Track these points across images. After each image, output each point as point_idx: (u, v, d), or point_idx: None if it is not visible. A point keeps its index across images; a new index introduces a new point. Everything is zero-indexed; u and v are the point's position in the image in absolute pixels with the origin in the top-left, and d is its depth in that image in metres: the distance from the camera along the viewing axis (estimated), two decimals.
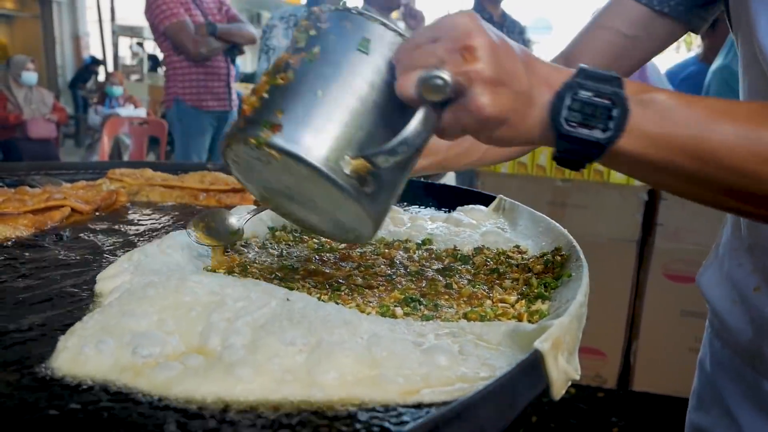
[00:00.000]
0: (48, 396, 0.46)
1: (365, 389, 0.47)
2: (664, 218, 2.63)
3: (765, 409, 0.78)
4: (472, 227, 0.95)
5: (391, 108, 0.54)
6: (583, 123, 0.51)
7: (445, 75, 0.49)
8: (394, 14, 3.24)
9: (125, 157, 4.84)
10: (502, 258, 0.81)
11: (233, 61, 3.41)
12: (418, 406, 0.45)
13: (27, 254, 0.83)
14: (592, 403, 2.80)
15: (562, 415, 2.66)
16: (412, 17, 3.19)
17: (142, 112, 6.31)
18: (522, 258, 0.82)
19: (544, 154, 2.76)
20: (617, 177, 2.71)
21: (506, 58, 0.51)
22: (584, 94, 0.51)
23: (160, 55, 3.46)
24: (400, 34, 0.56)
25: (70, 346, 0.52)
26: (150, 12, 3.12)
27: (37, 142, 5.37)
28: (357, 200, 0.54)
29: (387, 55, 0.54)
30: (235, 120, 0.57)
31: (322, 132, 0.52)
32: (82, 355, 0.51)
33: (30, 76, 5.48)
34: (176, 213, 1.10)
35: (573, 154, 0.53)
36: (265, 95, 0.54)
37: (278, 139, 0.52)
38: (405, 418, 0.43)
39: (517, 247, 0.87)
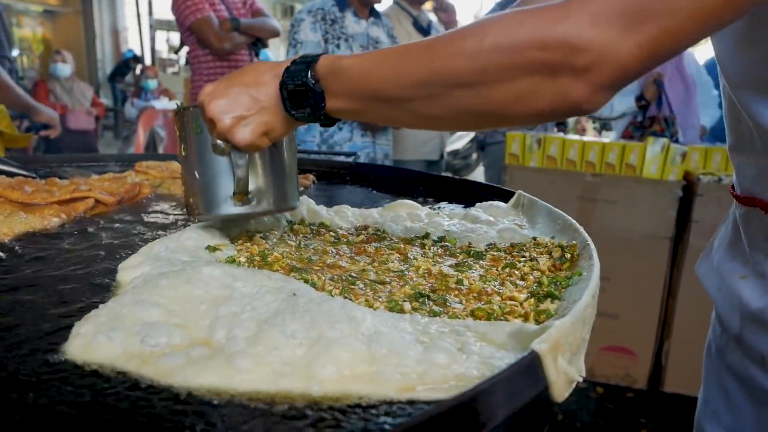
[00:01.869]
0: (58, 379, 0.48)
1: (362, 385, 0.47)
2: (699, 215, 2.56)
3: (754, 394, 0.81)
4: (489, 224, 0.94)
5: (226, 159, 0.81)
6: (297, 105, 0.71)
7: (217, 141, 0.76)
8: (428, 5, 3.22)
9: (160, 149, 4.93)
10: (515, 252, 0.81)
11: (257, 55, 3.43)
12: (413, 403, 0.45)
13: (54, 242, 0.85)
14: (621, 403, 2.75)
15: (589, 414, 2.63)
16: (444, 10, 3.17)
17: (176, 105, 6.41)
18: (535, 249, 0.81)
19: (575, 148, 2.71)
20: (650, 172, 2.64)
21: (234, 101, 0.73)
22: (289, 85, 0.71)
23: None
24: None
25: (83, 332, 0.54)
26: (176, 8, 3.16)
27: (77, 133, 5.53)
28: (252, 212, 0.84)
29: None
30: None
31: (213, 196, 0.82)
32: (94, 342, 0.52)
33: (62, 68, 5.62)
34: None
35: (313, 122, 0.73)
36: (183, 188, 0.87)
37: (199, 214, 0.84)
38: (398, 414, 0.43)
39: (534, 239, 0.86)
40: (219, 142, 0.75)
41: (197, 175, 0.81)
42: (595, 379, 2.83)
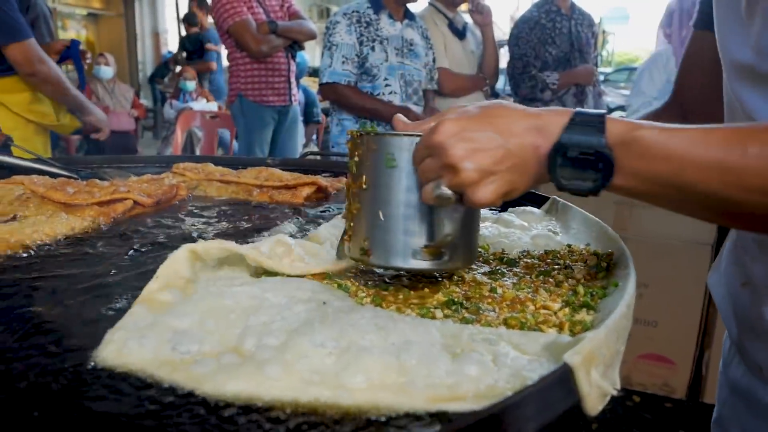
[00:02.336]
0: (89, 384, 0.49)
1: (391, 395, 0.46)
2: None
3: (754, 406, 0.79)
4: (523, 229, 0.93)
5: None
6: (576, 177, 0.59)
7: (446, 190, 0.62)
8: (463, 6, 3.20)
9: (197, 149, 5.03)
10: (549, 259, 0.79)
11: (293, 57, 3.46)
12: (443, 414, 0.45)
13: (93, 244, 0.88)
14: (659, 413, 2.68)
15: (625, 424, 2.57)
16: (479, 12, 3.14)
17: (213, 106, 6.53)
18: (570, 257, 0.79)
19: None
20: None
21: (484, 154, 0.60)
22: (571, 153, 0.58)
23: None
24: (410, 135, 0.67)
25: (116, 339, 0.54)
26: (215, 11, 3.22)
27: (118, 134, 5.66)
28: (441, 268, 0.71)
29: (407, 159, 0.67)
30: (340, 241, 0.77)
31: (396, 243, 0.69)
32: (126, 348, 0.53)
33: (105, 71, 5.77)
34: (228, 208, 1.13)
35: (573, 193, 0.61)
36: (352, 224, 0.72)
37: (373, 260, 0.71)
38: (427, 426, 0.43)
39: (569, 246, 0.84)
40: (448, 192, 0.62)
41: (381, 216, 0.68)
42: (631, 388, 2.77)
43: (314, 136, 6.94)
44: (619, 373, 0.51)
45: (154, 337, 0.54)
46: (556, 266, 0.77)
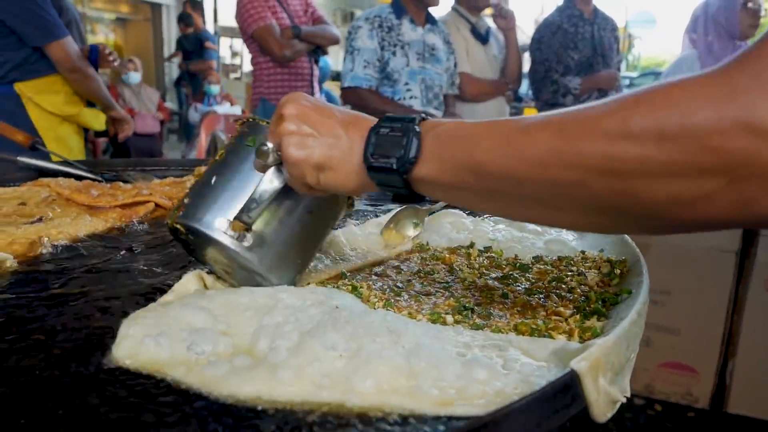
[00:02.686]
0: (104, 381, 0.50)
1: (400, 398, 0.47)
2: None
3: None
4: (537, 234, 0.93)
5: (255, 177, 0.68)
6: (384, 154, 0.60)
7: (268, 143, 0.64)
8: (487, 11, 3.20)
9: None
10: (562, 266, 0.79)
11: (317, 62, 3.49)
12: (451, 418, 0.45)
13: (115, 245, 0.90)
14: (681, 422, 2.64)
15: None
16: (502, 17, 3.13)
17: (237, 110, 6.60)
18: (583, 263, 0.79)
19: None
20: None
21: (314, 116, 0.63)
22: (383, 131, 0.61)
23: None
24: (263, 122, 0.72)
25: (132, 334, 0.56)
26: (240, 16, 3.26)
27: (143, 137, 5.77)
28: (237, 252, 0.66)
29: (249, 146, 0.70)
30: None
31: (211, 207, 0.68)
32: (143, 345, 0.54)
33: (134, 76, 5.88)
34: None
35: (386, 184, 0.61)
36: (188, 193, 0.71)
37: (181, 218, 0.68)
38: (434, 429, 0.43)
39: (583, 252, 0.84)
40: (269, 144, 0.64)
41: (212, 181, 0.69)
42: (653, 396, 2.73)
43: None
44: (641, 381, 0.51)
45: (170, 335, 0.55)
46: (570, 272, 0.77)
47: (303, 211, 0.71)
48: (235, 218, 0.66)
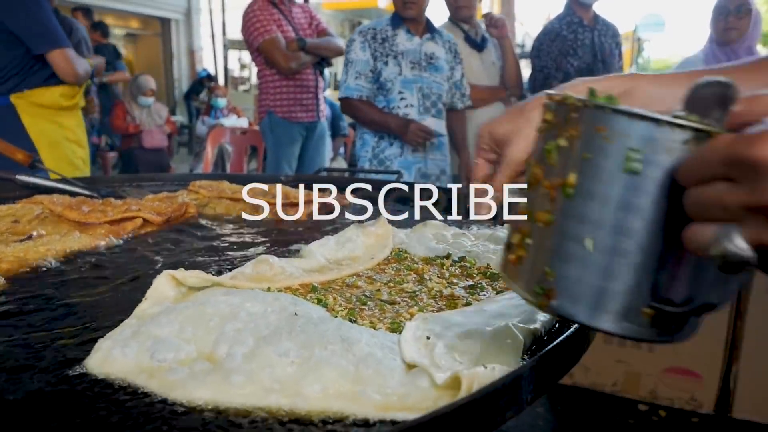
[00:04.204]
0: (75, 392, 0.54)
1: (344, 403, 0.50)
2: None
3: None
4: None
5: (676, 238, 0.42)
6: None
7: (741, 244, 0.38)
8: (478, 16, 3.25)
9: (228, 164, 5.15)
10: None
11: (321, 74, 3.54)
12: (394, 422, 0.48)
13: (101, 261, 0.93)
14: (686, 428, 2.62)
15: None
16: (494, 26, 3.18)
17: (244, 122, 6.69)
18: None
19: None
20: None
21: None
22: None
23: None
24: (680, 126, 0.41)
25: (103, 348, 0.59)
26: (246, 30, 3.32)
27: (151, 151, 5.87)
28: (660, 340, 0.46)
29: (665, 166, 0.41)
30: (503, 257, 0.52)
31: (603, 293, 0.44)
32: (111, 356, 0.58)
33: (147, 101, 5.99)
34: (231, 227, 1.18)
35: None
36: (529, 240, 0.47)
37: (555, 306, 0.46)
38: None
39: None
40: (745, 248, 0.38)
41: (588, 245, 0.44)
42: (657, 402, 2.72)
43: (342, 150, 7.02)
44: (645, 387, 0.51)
45: (136, 345, 0.58)
46: None
47: None
48: (659, 308, 0.44)
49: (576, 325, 0.52)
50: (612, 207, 0.42)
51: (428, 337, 0.60)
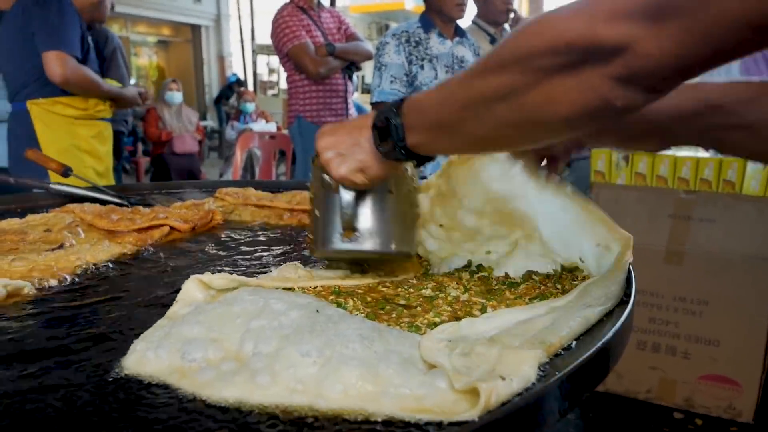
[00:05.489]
0: (114, 390, 0.57)
1: (365, 403, 0.51)
2: None
3: None
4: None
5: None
6: (384, 141, 0.74)
7: (326, 177, 0.82)
8: None
9: (257, 169, 5.21)
10: (549, 283, 0.80)
11: (350, 78, 3.55)
12: (409, 424, 0.49)
13: (128, 269, 0.96)
14: None
15: None
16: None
17: (272, 127, 6.75)
18: (571, 281, 0.80)
19: (665, 164, 2.58)
20: (751, 188, 2.46)
21: (336, 138, 0.80)
22: (378, 123, 0.74)
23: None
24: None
25: (138, 349, 0.62)
26: (275, 36, 3.34)
27: (182, 155, 5.98)
28: (362, 248, 0.84)
29: (325, 179, 0.84)
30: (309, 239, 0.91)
31: (325, 232, 0.85)
32: (145, 357, 0.61)
33: (174, 96, 6.09)
34: (255, 233, 1.20)
35: (399, 160, 0.75)
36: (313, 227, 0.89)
37: (316, 249, 0.87)
38: None
39: (569, 270, 0.84)
40: (326, 177, 0.82)
41: (316, 213, 0.86)
42: (693, 410, 2.65)
43: None
44: (681, 394, 0.54)
45: (168, 346, 0.61)
46: (556, 289, 0.78)
47: (382, 195, 0.85)
48: (344, 230, 0.83)
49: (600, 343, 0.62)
50: (318, 191, 0.86)
51: (449, 339, 0.61)
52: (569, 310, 0.67)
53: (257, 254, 1.04)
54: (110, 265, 0.97)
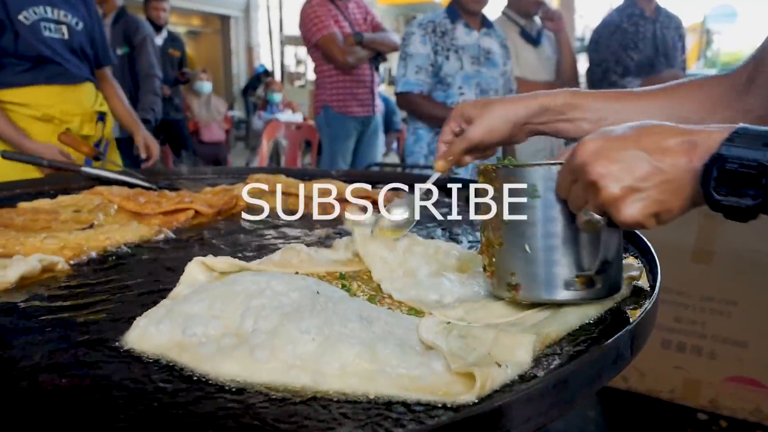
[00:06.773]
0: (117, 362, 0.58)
1: (361, 381, 0.52)
2: None
3: None
4: None
5: (574, 229, 0.65)
6: (733, 193, 0.53)
7: (593, 215, 0.60)
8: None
9: (283, 158, 5.25)
10: None
11: (377, 69, 3.55)
12: (405, 404, 0.49)
13: (153, 249, 0.98)
14: None
15: None
16: (550, 19, 3.10)
17: (298, 117, 6.79)
18: None
19: None
20: None
21: (626, 167, 0.57)
22: (730, 166, 0.53)
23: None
24: (551, 164, 0.65)
25: (141, 325, 0.63)
26: (303, 26, 3.36)
27: (210, 144, 6.05)
28: (594, 297, 0.67)
29: (551, 186, 0.65)
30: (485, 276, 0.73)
31: (546, 276, 0.66)
32: (147, 333, 0.62)
33: (204, 85, 6.16)
34: (277, 220, 1.20)
35: (728, 215, 0.56)
36: (494, 259, 0.70)
37: (522, 295, 0.68)
38: (387, 412, 0.48)
39: None
40: (596, 216, 0.60)
41: (528, 249, 0.66)
42: (718, 412, 2.60)
43: (394, 145, 7.03)
44: (706, 396, 0.53)
45: (169, 322, 0.62)
46: None
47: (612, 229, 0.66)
48: (583, 275, 0.65)
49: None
50: (530, 222, 0.66)
51: (448, 322, 0.62)
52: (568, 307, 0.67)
53: (273, 238, 1.05)
54: (138, 245, 0.99)
